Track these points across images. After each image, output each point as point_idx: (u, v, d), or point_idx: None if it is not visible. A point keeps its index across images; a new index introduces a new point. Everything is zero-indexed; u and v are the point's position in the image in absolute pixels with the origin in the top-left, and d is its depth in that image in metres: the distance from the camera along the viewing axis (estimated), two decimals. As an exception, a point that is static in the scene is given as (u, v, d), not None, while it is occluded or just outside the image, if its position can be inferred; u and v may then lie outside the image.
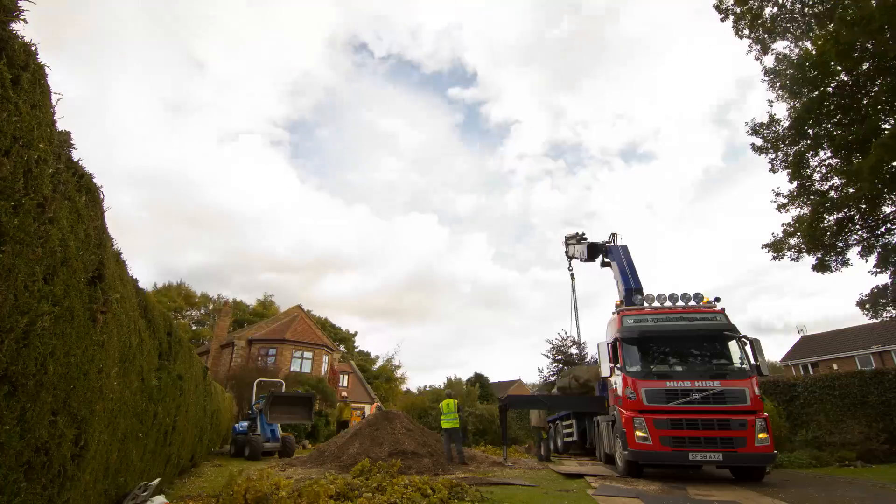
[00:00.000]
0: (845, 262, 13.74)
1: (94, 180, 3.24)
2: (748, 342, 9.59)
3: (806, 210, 13.93)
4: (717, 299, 10.65)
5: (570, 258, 18.75)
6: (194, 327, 48.97)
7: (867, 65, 11.82)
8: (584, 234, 17.38)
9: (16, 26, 2.15)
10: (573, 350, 36.33)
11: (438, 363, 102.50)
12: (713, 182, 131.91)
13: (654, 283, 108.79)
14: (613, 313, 11.23)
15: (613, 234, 15.12)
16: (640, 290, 12.43)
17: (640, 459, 9.07)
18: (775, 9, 12.56)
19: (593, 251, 15.95)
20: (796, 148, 13.55)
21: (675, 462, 8.89)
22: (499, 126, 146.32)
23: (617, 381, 10.09)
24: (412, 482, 6.68)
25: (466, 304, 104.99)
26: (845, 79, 12.35)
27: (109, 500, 3.97)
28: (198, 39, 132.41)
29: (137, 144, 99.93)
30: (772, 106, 14.20)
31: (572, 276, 19.22)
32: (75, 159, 3.00)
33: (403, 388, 49.43)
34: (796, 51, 13.21)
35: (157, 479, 5.14)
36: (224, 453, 15.95)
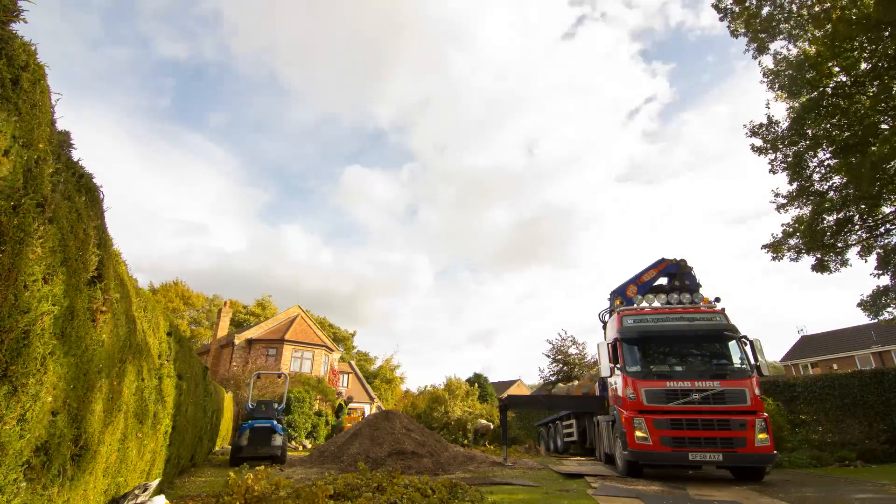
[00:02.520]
0: (844, 263, 13.76)
1: (94, 180, 3.24)
2: (748, 342, 9.60)
3: (806, 210, 13.94)
4: (717, 299, 10.67)
5: None
6: (193, 327, 48.93)
7: (865, 65, 11.83)
8: None
9: (16, 26, 2.15)
10: (572, 350, 36.55)
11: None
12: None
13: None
14: (614, 313, 11.24)
15: None
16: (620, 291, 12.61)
17: (640, 459, 9.08)
18: (773, 8, 12.57)
19: None
20: (795, 148, 13.56)
21: (674, 462, 8.90)
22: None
23: (617, 381, 10.10)
24: (412, 482, 6.68)
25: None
26: (843, 79, 12.36)
27: (109, 500, 3.96)
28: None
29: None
30: (769, 107, 14.22)
31: None
32: (75, 159, 3.01)
33: (403, 387, 49.39)
34: (794, 51, 13.23)
35: (157, 480, 5.14)
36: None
